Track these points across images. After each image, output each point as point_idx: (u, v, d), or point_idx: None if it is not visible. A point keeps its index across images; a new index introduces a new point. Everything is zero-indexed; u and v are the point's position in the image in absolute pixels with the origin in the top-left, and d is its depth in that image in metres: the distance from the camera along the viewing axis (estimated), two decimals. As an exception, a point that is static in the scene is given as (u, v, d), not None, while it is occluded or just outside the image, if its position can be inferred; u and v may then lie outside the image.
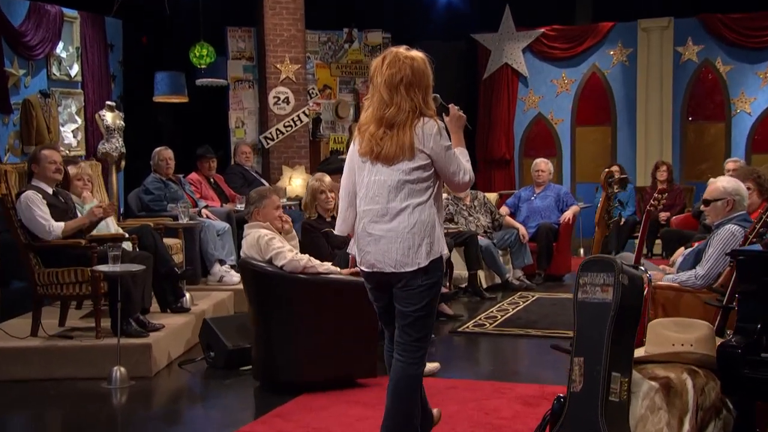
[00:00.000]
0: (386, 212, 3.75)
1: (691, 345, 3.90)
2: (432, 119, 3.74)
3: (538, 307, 8.10)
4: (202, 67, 11.06)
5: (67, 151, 9.64)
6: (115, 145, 9.55)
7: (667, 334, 3.97)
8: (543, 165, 10.03)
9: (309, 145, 11.76)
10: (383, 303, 3.97)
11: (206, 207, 8.62)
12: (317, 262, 5.52)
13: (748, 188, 5.67)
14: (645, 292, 5.13)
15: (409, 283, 3.76)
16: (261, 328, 5.51)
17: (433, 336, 5.24)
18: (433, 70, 3.81)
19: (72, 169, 6.94)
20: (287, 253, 5.39)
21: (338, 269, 5.63)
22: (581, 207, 11.48)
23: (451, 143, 3.80)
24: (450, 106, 3.98)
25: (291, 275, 5.36)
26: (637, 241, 5.46)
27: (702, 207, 5.41)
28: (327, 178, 6.71)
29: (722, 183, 5.27)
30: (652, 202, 5.41)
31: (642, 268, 5.32)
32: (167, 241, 7.53)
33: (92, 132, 10.29)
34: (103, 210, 6.38)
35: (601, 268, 3.66)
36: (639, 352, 4.00)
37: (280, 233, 5.80)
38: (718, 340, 3.86)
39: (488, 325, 7.36)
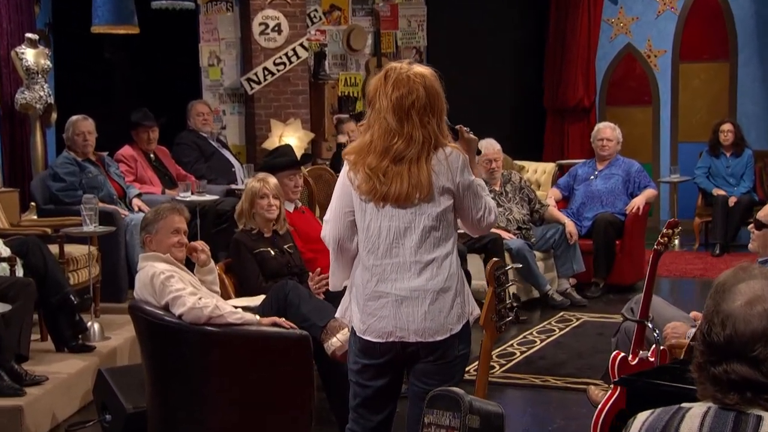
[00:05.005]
0: (409, 267, 4.08)
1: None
2: (455, 149, 4.09)
3: (575, 339, 8.32)
4: (156, -13, 11.35)
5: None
6: (38, 93, 9.81)
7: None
8: (609, 132, 10.13)
9: (309, 90, 11.97)
10: (383, 382, 4.25)
11: (139, 195, 8.98)
12: (228, 308, 5.80)
13: None
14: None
15: (444, 355, 4.11)
16: (156, 392, 5.88)
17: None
18: (443, 87, 4.13)
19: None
20: (187, 297, 5.66)
21: (256, 317, 5.93)
22: (675, 181, 11.64)
23: (473, 177, 4.15)
24: (459, 128, 4.34)
25: (194, 327, 5.71)
26: (750, 227, 5.59)
27: (750, 228, 5.59)
28: (272, 180, 6.96)
29: None
30: (660, 239, 5.59)
31: (650, 325, 5.58)
32: (76, 249, 7.93)
33: (8, 76, 10.34)
34: None
35: (446, 405, 3.87)
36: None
37: (194, 266, 6.13)
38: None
39: (497, 367, 7.62)
